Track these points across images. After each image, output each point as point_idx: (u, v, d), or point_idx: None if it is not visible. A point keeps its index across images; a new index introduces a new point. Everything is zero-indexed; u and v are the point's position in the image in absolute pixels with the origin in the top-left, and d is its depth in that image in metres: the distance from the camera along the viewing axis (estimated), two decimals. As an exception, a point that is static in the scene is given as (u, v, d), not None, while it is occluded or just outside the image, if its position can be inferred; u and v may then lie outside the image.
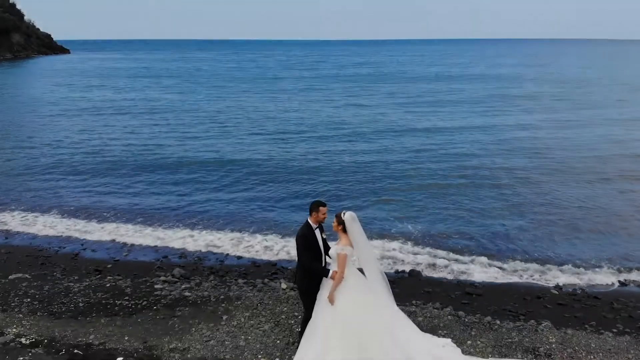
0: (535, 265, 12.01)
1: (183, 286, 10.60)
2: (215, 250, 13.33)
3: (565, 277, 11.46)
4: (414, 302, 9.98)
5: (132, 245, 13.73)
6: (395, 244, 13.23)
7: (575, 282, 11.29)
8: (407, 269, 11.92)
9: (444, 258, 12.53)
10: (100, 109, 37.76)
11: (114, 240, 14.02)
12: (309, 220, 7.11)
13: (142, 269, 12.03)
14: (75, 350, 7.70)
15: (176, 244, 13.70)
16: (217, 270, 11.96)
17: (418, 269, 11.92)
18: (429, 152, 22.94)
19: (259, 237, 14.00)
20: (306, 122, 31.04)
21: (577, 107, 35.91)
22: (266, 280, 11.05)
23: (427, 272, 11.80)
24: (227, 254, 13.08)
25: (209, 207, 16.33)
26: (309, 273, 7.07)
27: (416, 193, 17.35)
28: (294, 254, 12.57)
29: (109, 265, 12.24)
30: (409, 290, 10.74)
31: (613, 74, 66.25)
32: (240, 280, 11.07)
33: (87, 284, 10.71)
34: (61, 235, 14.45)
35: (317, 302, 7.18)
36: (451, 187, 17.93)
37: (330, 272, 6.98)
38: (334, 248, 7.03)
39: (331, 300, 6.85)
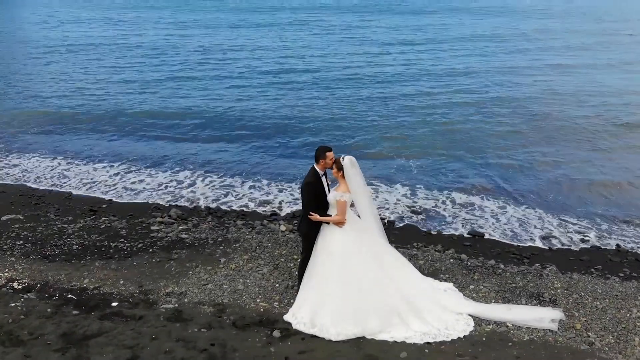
0: (542, 212, 11.59)
1: (180, 227, 10.36)
2: (212, 192, 12.98)
3: (574, 227, 11.00)
4: (414, 244, 9.77)
5: (127, 186, 13.38)
6: (397, 188, 12.87)
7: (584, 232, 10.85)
8: (409, 212, 11.66)
9: (447, 201, 12.22)
10: (88, 45, 36.09)
11: (108, 181, 13.66)
12: (315, 167, 6.80)
13: (138, 209, 11.75)
14: (69, 295, 7.54)
15: (170, 185, 13.37)
16: (215, 210, 11.69)
17: (420, 212, 11.66)
18: (434, 96, 21.71)
19: (250, 182, 13.50)
20: (303, 60, 29.69)
21: (585, 46, 34.02)
22: (265, 221, 10.79)
23: (429, 216, 11.51)
24: (225, 195, 12.76)
25: (204, 154, 15.57)
26: (314, 221, 6.82)
27: (421, 138, 16.61)
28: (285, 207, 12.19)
29: (104, 205, 11.96)
30: (410, 232, 10.52)
31: (622, 5, 63.26)
32: (238, 222, 10.81)
33: (81, 225, 10.47)
34: (55, 174, 14.09)
35: (315, 248, 6.97)
36: (458, 133, 17.02)
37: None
38: (332, 194, 6.75)
39: (314, 218, 6.69)
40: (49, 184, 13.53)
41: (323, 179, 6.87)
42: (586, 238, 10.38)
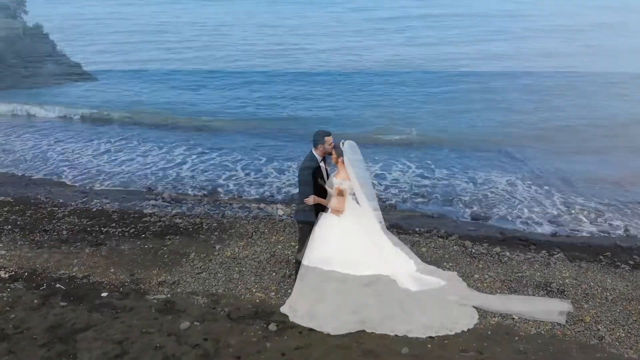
0: (549, 197, 11.23)
1: (174, 211, 10.03)
2: (208, 173, 12.63)
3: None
4: (417, 229, 9.44)
5: (119, 166, 13.01)
6: (400, 172, 12.56)
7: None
8: (411, 196, 11.32)
9: (451, 184, 11.89)
10: (82, 21, 35.13)
11: (93, 161, 13.28)
12: (314, 153, 6.39)
13: (131, 190, 11.42)
14: (57, 285, 7.23)
15: (163, 166, 13.01)
16: (211, 193, 11.35)
17: (423, 195, 11.32)
18: (441, 78, 20.99)
19: (246, 163, 13.16)
20: (304, 39, 28.82)
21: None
22: (262, 205, 10.45)
23: (432, 200, 11.17)
24: (220, 177, 12.40)
25: (200, 136, 15.17)
26: (310, 207, 6.51)
27: (426, 121, 16.14)
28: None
29: (96, 186, 11.62)
30: (412, 217, 10.20)
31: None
32: (234, 205, 10.48)
33: (72, 208, 10.13)
34: (44, 153, 13.73)
35: (312, 236, 6.65)
36: (464, 118, 16.56)
37: (329, 208, 6.51)
38: (332, 181, 6.38)
39: (309, 201, 6.42)
40: (41, 159, 13.17)
41: (322, 164, 6.49)
42: (593, 223, 10.06)
